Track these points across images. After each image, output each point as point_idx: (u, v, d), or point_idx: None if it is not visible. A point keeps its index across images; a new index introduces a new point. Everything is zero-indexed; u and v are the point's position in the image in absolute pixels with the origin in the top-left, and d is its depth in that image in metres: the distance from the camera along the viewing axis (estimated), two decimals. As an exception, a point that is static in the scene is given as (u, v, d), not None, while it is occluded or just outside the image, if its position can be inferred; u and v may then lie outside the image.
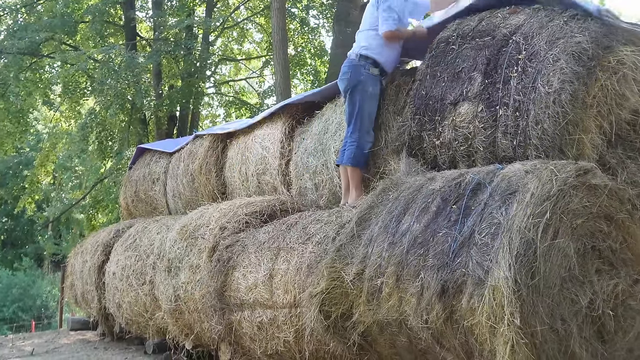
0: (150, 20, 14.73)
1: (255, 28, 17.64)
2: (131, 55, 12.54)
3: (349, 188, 4.57)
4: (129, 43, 13.76)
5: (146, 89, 12.95)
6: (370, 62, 4.56)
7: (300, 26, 15.37)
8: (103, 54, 12.83)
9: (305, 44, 15.74)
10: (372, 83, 4.53)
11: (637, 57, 3.64)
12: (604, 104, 3.54)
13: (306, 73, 15.86)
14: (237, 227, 4.85)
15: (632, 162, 3.81)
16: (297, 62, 15.51)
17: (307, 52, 15.70)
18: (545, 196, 2.78)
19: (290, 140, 5.51)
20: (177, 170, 6.91)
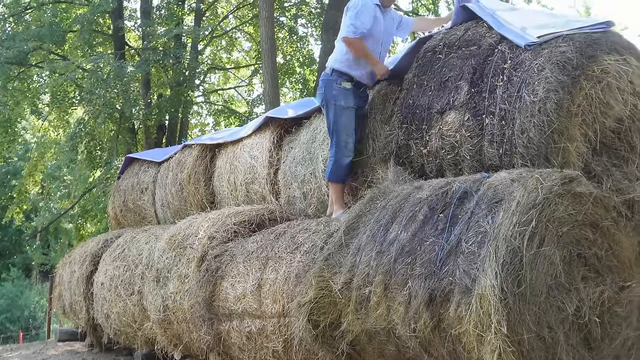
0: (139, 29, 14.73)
1: (244, 37, 17.68)
2: (120, 64, 12.53)
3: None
4: (117, 52, 13.74)
5: (135, 98, 12.93)
6: (344, 76, 4.49)
7: (289, 35, 15.42)
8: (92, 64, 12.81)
9: (293, 52, 15.78)
10: (345, 97, 4.46)
11: (620, 66, 3.68)
12: (589, 112, 3.57)
13: (295, 81, 15.91)
14: (226, 236, 4.84)
15: (617, 169, 3.85)
16: (286, 70, 15.55)
17: (296, 60, 15.74)
18: (531, 204, 2.80)
19: (278, 150, 5.51)
20: (166, 180, 6.90)
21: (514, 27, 3.92)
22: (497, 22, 4.02)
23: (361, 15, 4.38)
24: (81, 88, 13.59)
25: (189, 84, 13.64)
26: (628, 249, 3.38)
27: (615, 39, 3.83)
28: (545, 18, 4.41)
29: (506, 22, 4.01)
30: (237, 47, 17.98)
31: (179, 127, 14.70)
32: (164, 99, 13.85)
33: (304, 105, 5.48)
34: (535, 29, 3.86)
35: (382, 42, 4.57)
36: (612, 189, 3.67)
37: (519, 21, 4.00)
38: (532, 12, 4.61)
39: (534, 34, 3.79)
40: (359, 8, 4.41)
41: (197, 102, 16.87)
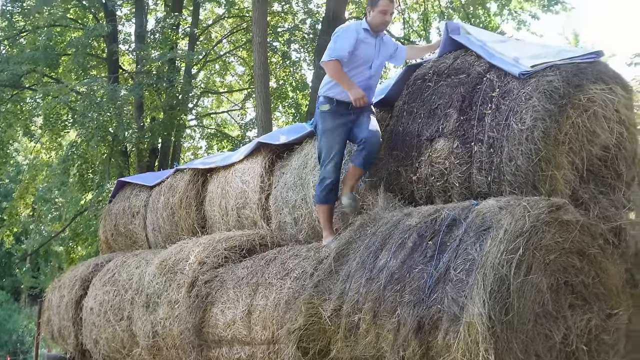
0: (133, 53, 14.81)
1: (237, 61, 17.79)
2: (113, 87, 12.57)
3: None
4: (111, 76, 13.79)
5: (128, 122, 12.95)
6: (324, 99, 4.55)
7: (282, 60, 15.53)
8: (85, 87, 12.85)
9: (286, 77, 15.87)
10: (323, 120, 4.50)
11: (606, 95, 3.75)
12: (576, 140, 3.63)
13: (288, 106, 15.97)
14: (216, 261, 4.84)
15: (604, 197, 3.90)
16: (279, 95, 15.63)
17: (289, 85, 15.83)
18: (518, 232, 2.83)
19: (270, 175, 5.53)
20: (158, 204, 6.89)
21: (506, 58, 3.98)
22: (488, 53, 4.09)
23: (339, 39, 4.43)
24: (74, 111, 13.61)
25: (182, 107, 13.68)
26: (615, 277, 3.41)
27: (601, 69, 3.91)
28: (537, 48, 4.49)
29: (497, 53, 4.08)
30: (231, 71, 18.08)
31: (171, 150, 14.71)
32: (157, 122, 13.87)
33: (295, 131, 5.52)
34: (528, 59, 3.93)
35: (372, 66, 4.56)
36: (599, 216, 3.72)
37: (511, 52, 4.07)
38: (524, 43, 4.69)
39: (527, 64, 3.85)
40: (339, 33, 4.49)
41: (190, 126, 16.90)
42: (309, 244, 4.69)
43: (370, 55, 4.53)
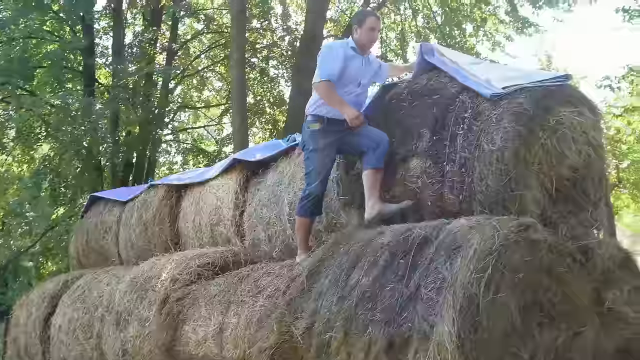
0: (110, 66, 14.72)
1: (215, 76, 17.79)
2: (89, 101, 12.47)
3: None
4: (87, 89, 13.69)
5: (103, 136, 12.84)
6: (314, 118, 4.47)
7: (260, 76, 15.58)
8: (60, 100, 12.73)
9: (264, 93, 15.91)
10: (313, 139, 4.43)
11: (575, 117, 3.83)
12: (545, 161, 3.69)
13: (265, 122, 15.99)
14: (189, 279, 4.81)
15: (573, 216, 3.96)
16: (256, 111, 15.65)
17: (267, 101, 15.87)
18: (487, 251, 2.87)
19: (245, 191, 5.53)
20: (131, 220, 6.84)
21: (479, 80, 4.05)
22: (461, 75, 4.15)
23: (325, 60, 4.40)
24: (48, 124, 13.47)
25: (158, 122, 13.63)
26: (582, 295, 3.46)
27: (570, 92, 3.99)
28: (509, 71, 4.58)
29: (470, 75, 4.14)
30: (208, 86, 18.08)
31: (146, 165, 14.61)
32: (133, 137, 13.79)
33: (271, 148, 5.53)
34: (500, 81, 4.00)
35: (361, 84, 4.53)
36: (568, 235, 3.77)
37: (483, 74, 4.14)
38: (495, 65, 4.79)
39: (498, 86, 3.92)
40: (324, 54, 4.47)
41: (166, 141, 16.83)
42: (283, 261, 4.68)
43: (359, 74, 4.50)
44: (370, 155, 4.19)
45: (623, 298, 3.82)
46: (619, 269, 3.94)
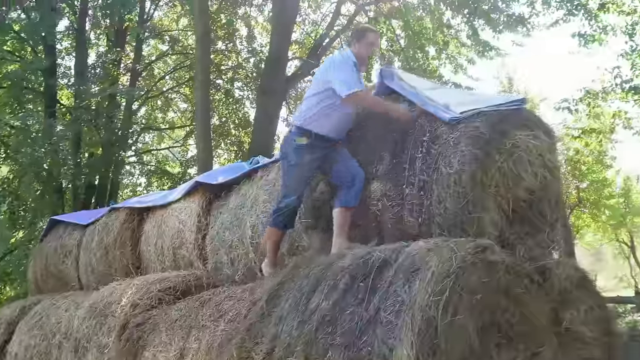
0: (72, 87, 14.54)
1: (180, 98, 17.73)
2: (50, 122, 12.28)
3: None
4: (48, 110, 13.48)
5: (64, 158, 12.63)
6: (301, 132, 4.34)
7: (225, 97, 15.57)
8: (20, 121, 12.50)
9: (229, 114, 15.89)
10: (298, 153, 4.30)
11: (530, 141, 3.92)
12: (502, 184, 3.76)
13: (230, 143, 15.96)
14: (149, 303, 4.75)
15: (530, 238, 4.04)
16: (221, 132, 15.61)
17: (232, 122, 15.85)
18: (445, 274, 2.90)
19: (207, 214, 5.50)
20: (91, 244, 6.73)
21: (437, 104, 4.12)
22: (420, 99, 4.22)
23: (347, 71, 4.27)
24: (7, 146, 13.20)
25: (121, 143, 13.48)
26: (540, 315, 3.51)
27: (526, 115, 4.10)
28: (466, 96, 4.67)
29: (429, 99, 4.22)
30: (173, 107, 17.99)
31: (109, 187, 14.40)
32: (95, 159, 13.60)
33: (234, 171, 5.51)
34: (458, 106, 4.08)
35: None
36: (525, 256, 3.84)
37: (441, 98, 4.22)
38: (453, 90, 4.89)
39: (456, 110, 4.00)
40: (344, 65, 4.31)
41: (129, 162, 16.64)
42: (245, 284, 4.65)
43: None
44: (344, 191, 4.14)
45: (580, 318, 3.89)
46: (576, 289, 4.01)
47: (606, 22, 12.00)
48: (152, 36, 15.06)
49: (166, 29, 16.69)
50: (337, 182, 4.25)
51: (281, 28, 11.91)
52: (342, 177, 4.19)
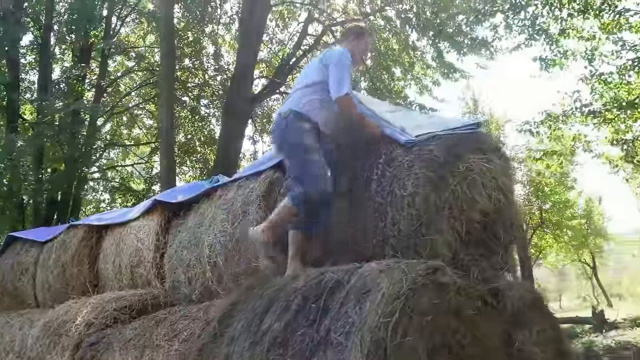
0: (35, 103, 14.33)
1: (145, 114, 17.61)
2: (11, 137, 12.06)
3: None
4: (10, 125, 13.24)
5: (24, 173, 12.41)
6: (306, 117, 4.17)
7: (191, 115, 15.52)
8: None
9: (195, 131, 15.84)
10: (307, 136, 4.11)
11: (484, 164, 4.00)
12: (456, 206, 3.82)
13: (195, 161, 15.88)
14: (104, 323, 4.69)
15: (485, 259, 4.10)
16: (187, 149, 15.54)
17: (197, 140, 15.79)
18: (395, 295, 2.92)
19: (166, 233, 5.46)
20: (48, 261, 6.61)
21: (394, 127, 4.19)
22: (377, 122, 4.29)
23: (349, 73, 4.22)
24: (-35, 161, 12.92)
25: (84, 159, 13.30)
26: (492, 336, 3.57)
27: (480, 138, 4.18)
28: (423, 119, 4.75)
29: (386, 122, 4.28)
30: (139, 124, 17.85)
31: (71, 204, 14.17)
32: (57, 175, 13.38)
33: (193, 189, 5.49)
34: (414, 129, 4.15)
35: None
36: (479, 278, 3.90)
37: (398, 121, 4.29)
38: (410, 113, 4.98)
39: (412, 133, 4.07)
40: (348, 65, 4.22)
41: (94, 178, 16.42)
42: (202, 303, 4.62)
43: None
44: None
45: (532, 338, 3.96)
46: (529, 310, 4.09)
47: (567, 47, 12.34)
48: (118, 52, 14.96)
49: (133, 46, 16.61)
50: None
51: (247, 47, 11.98)
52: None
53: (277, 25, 16.35)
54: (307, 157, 4.01)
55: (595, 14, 11.14)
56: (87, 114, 13.75)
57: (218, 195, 5.03)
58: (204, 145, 15.67)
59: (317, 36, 15.28)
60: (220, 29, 16.02)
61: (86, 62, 14.49)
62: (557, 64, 12.17)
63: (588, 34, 11.94)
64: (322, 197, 3.92)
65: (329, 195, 3.95)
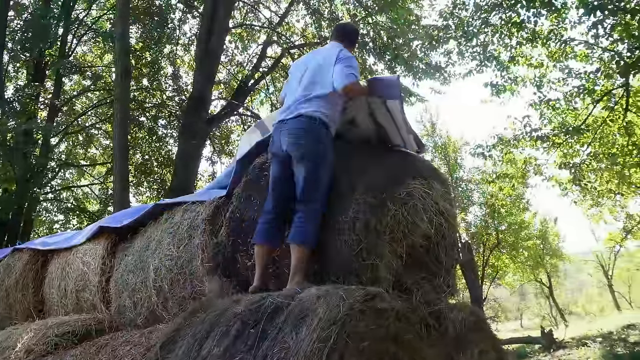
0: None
1: (101, 134, 17.39)
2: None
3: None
4: (-42, 143, 12.93)
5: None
6: (330, 124, 4.07)
7: (148, 135, 15.39)
8: None
9: (152, 152, 15.69)
10: (329, 145, 4.05)
11: (425, 190, 4.09)
12: (397, 231, 3.89)
13: (152, 181, 15.71)
14: (45, 349, 4.57)
15: (427, 282, 4.17)
16: (144, 170, 15.37)
17: (155, 160, 15.64)
18: (332, 320, 2.95)
19: (112, 256, 5.40)
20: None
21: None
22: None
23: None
24: None
25: (37, 180, 13.04)
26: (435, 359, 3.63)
27: (420, 165, 4.28)
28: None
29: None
30: (95, 143, 17.60)
31: (22, 225, 13.84)
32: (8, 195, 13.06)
33: (138, 212, 5.43)
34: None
35: None
36: (422, 301, 3.96)
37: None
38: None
39: None
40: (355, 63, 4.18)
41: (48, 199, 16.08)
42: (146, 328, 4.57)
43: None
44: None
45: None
46: (471, 332, 4.17)
47: (516, 74, 12.72)
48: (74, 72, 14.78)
49: (90, 65, 16.45)
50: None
51: (205, 68, 11.97)
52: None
53: (236, 47, 16.43)
54: (323, 170, 3.90)
55: (542, 42, 11.53)
56: (40, 133, 13.51)
57: (165, 218, 5.01)
58: (161, 165, 15.52)
59: (275, 58, 15.39)
60: (178, 49, 16.02)
61: (40, 81, 14.27)
62: (507, 90, 12.52)
63: (536, 62, 12.35)
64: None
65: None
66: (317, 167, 3.89)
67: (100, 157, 17.90)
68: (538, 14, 10.75)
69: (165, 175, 15.50)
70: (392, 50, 13.66)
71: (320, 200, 3.85)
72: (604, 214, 20.16)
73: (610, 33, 10.16)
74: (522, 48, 11.96)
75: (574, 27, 11.14)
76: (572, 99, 12.28)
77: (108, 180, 16.92)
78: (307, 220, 3.79)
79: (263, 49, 15.36)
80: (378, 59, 14.31)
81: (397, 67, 14.15)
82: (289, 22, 16.11)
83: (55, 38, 13.84)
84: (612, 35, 10.26)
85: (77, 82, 17.08)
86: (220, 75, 15.78)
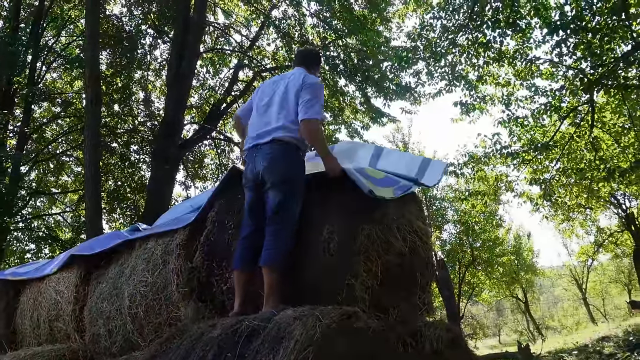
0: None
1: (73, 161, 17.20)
2: None
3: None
4: None
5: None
6: (303, 147, 4.12)
7: (121, 161, 15.27)
8: None
9: (125, 178, 15.56)
10: (302, 170, 4.11)
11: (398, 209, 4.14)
12: (372, 250, 3.92)
13: (126, 207, 15.55)
14: (18, 382, 4.49)
15: (403, 300, 4.20)
16: (117, 196, 15.22)
17: (128, 186, 15.51)
18: (308, 342, 2.96)
19: (86, 285, 5.33)
20: (-39, 318, 6.30)
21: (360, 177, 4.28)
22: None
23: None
24: None
25: (6, 209, 12.82)
26: (412, 378, 3.64)
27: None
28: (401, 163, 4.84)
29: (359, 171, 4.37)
30: (66, 171, 17.40)
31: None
32: (-23, 225, 12.84)
33: (110, 239, 5.37)
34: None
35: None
36: (399, 319, 3.99)
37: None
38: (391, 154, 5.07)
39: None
40: (322, 94, 4.12)
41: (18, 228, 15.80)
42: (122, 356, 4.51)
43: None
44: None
45: (452, 377, 4.05)
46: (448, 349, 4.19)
47: (485, 93, 12.94)
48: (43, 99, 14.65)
49: (59, 91, 16.32)
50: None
51: (176, 93, 11.96)
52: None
53: (208, 71, 16.46)
54: (294, 199, 3.90)
55: (509, 61, 11.78)
56: (10, 162, 13.33)
57: (138, 244, 4.97)
58: (134, 191, 15.40)
59: (247, 82, 15.45)
60: (149, 74, 15.99)
61: (9, 109, 14.11)
62: (477, 108, 12.73)
63: (504, 80, 12.59)
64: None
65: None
66: (292, 191, 3.90)
67: (71, 184, 17.69)
68: (503, 34, 11.00)
69: (139, 201, 15.37)
70: (362, 72, 13.82)
71: (291, 223, 3.85)
72: (575, 228, 20.48)
73: (574, 51, 10.45)
74: (489, 67, 12.20)
75: (539, 46, 11.38)
76: (539, 116, 12.54)
77: (80, 208, 16.71)
78: (276, 243, 3.79)
79: (234, 72, 15.42)
80: (349, 81, 14.47)
81: (367, 88, 14.32)
82: (259, 45, 16.23)
83: (24, 65, 13.72)
84: (575, 54, 10.55)
85: (47, 109, 16.93)
86: (192, 99, 15.79)
